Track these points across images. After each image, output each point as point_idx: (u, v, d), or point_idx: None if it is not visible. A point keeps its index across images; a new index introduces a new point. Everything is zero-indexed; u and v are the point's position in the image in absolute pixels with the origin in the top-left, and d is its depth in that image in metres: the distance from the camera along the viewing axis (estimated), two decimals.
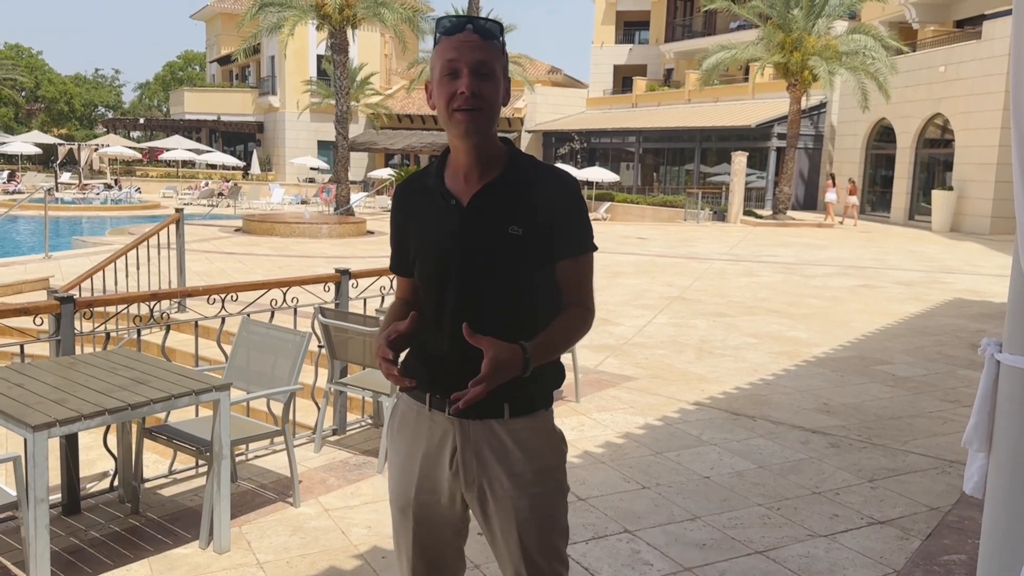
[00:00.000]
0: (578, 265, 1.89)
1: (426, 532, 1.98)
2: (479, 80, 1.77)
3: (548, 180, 1.87)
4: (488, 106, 1.79)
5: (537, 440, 1.92)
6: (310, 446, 4.74)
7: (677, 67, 40.29)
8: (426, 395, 1.93)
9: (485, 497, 1.91)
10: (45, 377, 3.32)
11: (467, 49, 1.77)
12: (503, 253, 1.83)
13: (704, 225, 24.27)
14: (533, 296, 1.87)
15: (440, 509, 1.96)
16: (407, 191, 2.00)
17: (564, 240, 1.86)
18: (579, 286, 1.91)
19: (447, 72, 1.78)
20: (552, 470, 1.94)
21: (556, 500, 1.96)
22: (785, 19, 24.02)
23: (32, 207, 22.27)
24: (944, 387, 6.35)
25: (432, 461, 1.94)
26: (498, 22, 1.84)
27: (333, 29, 23.94)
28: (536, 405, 1.93)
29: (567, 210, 1.86)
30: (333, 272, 5.17)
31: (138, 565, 3.31)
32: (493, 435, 1.89)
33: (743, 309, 9.83)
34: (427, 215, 1.91)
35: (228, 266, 12.90)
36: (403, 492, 1.98)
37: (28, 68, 60.74)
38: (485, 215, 1.84)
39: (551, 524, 1.95)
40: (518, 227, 1.82)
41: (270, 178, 40.11)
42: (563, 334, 1.88)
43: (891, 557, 3.48)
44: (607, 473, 4.36)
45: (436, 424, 1.93)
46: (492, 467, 1.89)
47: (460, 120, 1.78)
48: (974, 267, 14.98)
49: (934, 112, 24.58)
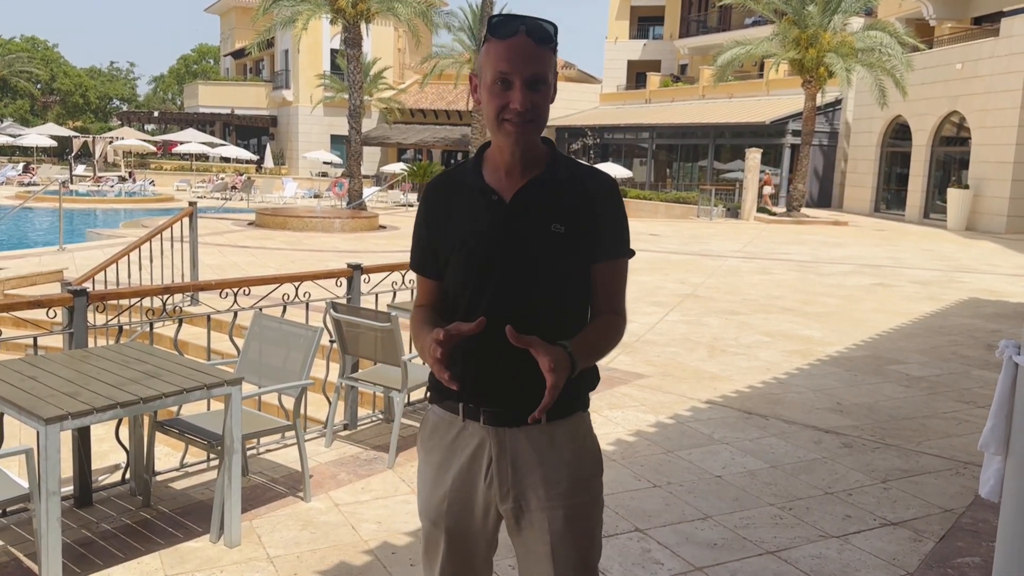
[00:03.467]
0: (615, 268, 1.86)
1: (458, 545, 1.93)
2: (532, 92, 1.73)
3: (591, 180, 1.85)
4: (540, 116, 1.77)
5: (574, 445, 1.87)
6: (321, 441, 4.75)
7: (691, 63, 40.15)
8: (459, 405, 1.87)
9: (520, 508, 1.86)
10: (58, 370, 3.34)
11: (520, 61, 1.72)
12: (545, 251, 1.79)
13: (717, 222, 24.16)
14: (569, 298, 1.84)
15: (473, 522, 1.91)
16: (440, 188, 1.93)
17: (604, 242, 1.83)
18: (614, 291, 1.87)
19: (499, 81, 1.73)
20: (588, 479, 1.89)
21: (592, 513, 1.90)
22: (800, 15, 23.86)
23: (47, 199, 22.41)
24: (959, 388, 6.30)
25: (466, 474, 1.88)
26: (552, 23, 1.75)
27: (347, 23, 23.96)
28: (574, 407, 1.88)
29: (609, 211, 1.84)
30: (345, 267, 5.17)
31: (149, 558, 3.32)
32: (531, 440, 1.84)
33: (756, 307, 9.78)
34: (464, 212, 1.85)
35: (241, 260, 12.94)
36: (435, 505, 1.92)
37: (44, 61, 61.07)
38: (529, 211, 1.80)
39: (587, 539, 1.89)
40: (560, 225, 1.79)
41: (283, 172, 40.20)
42: (603, 338, 1.83)
43: (904, 559, 3.46)
44: (618, 471, 4.34)
45: (471, 435, 1.87)
46: (528, 476, 1.84)
47: (510, 131, 1.76)
48: (990, 266, 14.85)
49: (950, 110, 24.38)
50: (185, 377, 3.33)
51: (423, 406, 5.33)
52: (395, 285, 5.57)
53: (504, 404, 1.82)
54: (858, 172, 29.08)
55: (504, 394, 1.81)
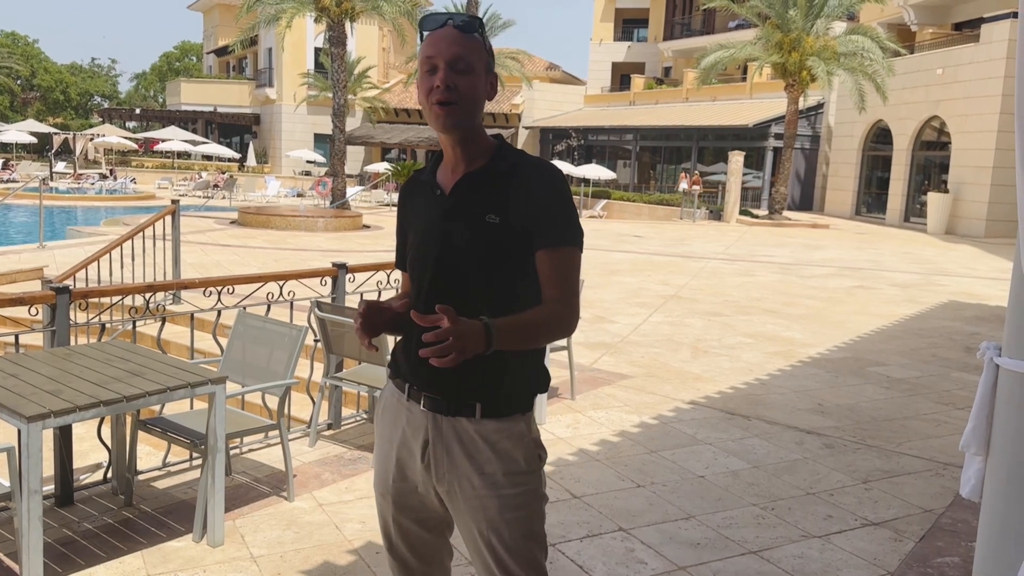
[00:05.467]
0: (556, 257, 1.83)
1: (404, 517, 2.01)
2: (456, 74, 1.80)
3: (530, 171, 1.86)
4: (465, 100, 1.81)
5: (509, 444, 1.88)
6: (305, 440, 4.73)
7: (675, 65, 40.32)
8: (405, 385, 1.94)
9: (455, 493, 1.89)
10: (40, 368, 3.31)
11: (444, 44, 1.80)
12: (479, 241, 1.83)
13: (700, 224, 24.28)
14: (511, 289, 1.85)
15: (417, 497, 1.97)
16: (408, 187, 2.06)
17: (542, 230, 1.83)
18: (558, 281, 1.83)
19: (427, 68, 1.82)
20: (525, 475, 1.89)
21: (530, 504, 1.91)
22: (784, 19, 24.04)
23: (27, 196, 22.17)
24: (938, 389, 6.37)
25: (407, 451, 1.95)
26: (477, 17, 1.87)
27: (331, 22, 23.88)
28: (510, 408, 1.89)
29: (547, 200, 1.84)
30: (330, 266, 5.16)
31: (131, 557, 3.29)
32: (464, 433, 1.87)
33: (738, 308, 9.84)
34: (419, 207, 1.97)
35: (224, 258, 12.87)
36: (382, 478, 2.01)
37: (24, 56, 60.50)
38: (464, 203, 1.86)
39: (524, 529, 1.89)
40: (495, 215, 1.83)
41: (266, 170, 39.99)
42: (535, 323, 1.79)
43: (885, 559, 3.49)
44: (602, 471, 4.35)
45: (413, 416, 1.93)
46: (462, 465, 1.87)
47: (438, 114, 1.81)
48: (969, 270, 15.01)
49: (931, 114, 24.62)
50: (169, 376, 3.31)
51: None
52: (380, 284, 5.56)
53: (441, 392, 1.87)
54: (839, 175, 29.30)
55: (441, 382, 1.85)
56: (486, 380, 1.83)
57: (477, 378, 1.82)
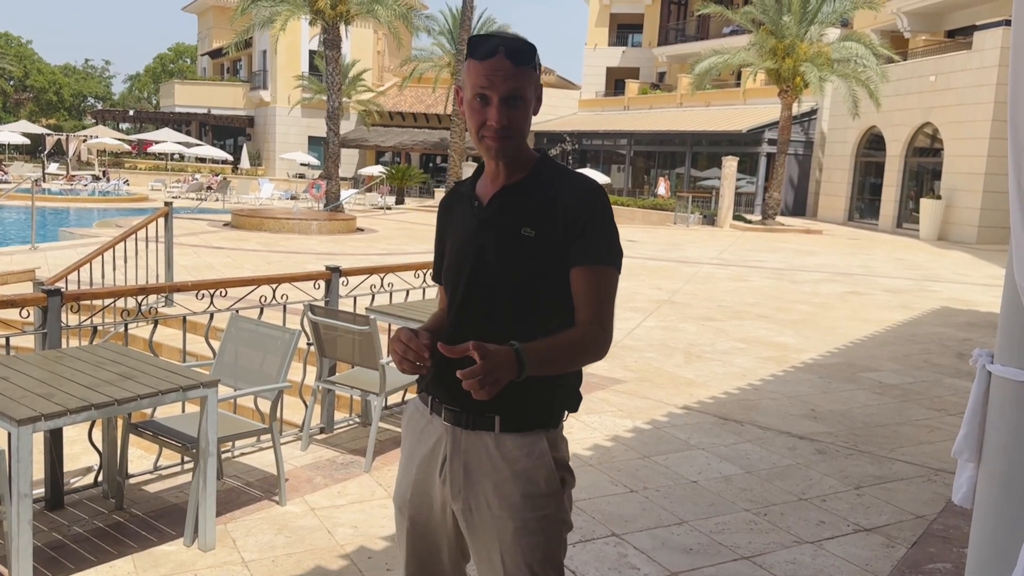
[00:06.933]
0: (592, 276, 1.78)
1: (419, 535, 1.96)
2: (509, 110, 1.76)
3: (570, 184, 1.84)
4: (517, 133, 1.80)
5: (529, 463, 1.80)
6: (297, 444, 4.72)
7: (670, 71, 40.40)
8: (428, 398, 1.91)
9: (470, 511, 1.83)
10: (30, 370, 3.29)
11: (499, 79, 1.74)
12: (513, 254, 1.80)
13: (694, 229, 24.31)
14: (543, 305, 1.80)
15: (433, 515, 1.92)
16: (448, 199, 2.03)
17: (580, 246, 1.78)
18: (593, 301, 1.79)
19: (478, 97, 1.77)
20: (545, 498, 1.81)
21: (548, 530, 1.82)
22: (778, 25, 24.11)
23: (19, 197, 22.10)
24: (931, 395, 6.38)
25: (426, 466, 1.91)
26: (531, 44, 1.77)
27: (326, 24, 23.87)
28: (532, 423, 1.82)
29: (586, 216, 1.79)
30: (323, 269, 5.15)
31: (122, 562, 3.28)
32: (483, 448, 1.82)
33: (732, 314, 9.85)
34: (456, 219, 1.95)
35: (216, 261, 12.83)
36: (401, 492, 1.98)
37: (17, 57, 60.27)
38: (500, 215, 1.84)
39: (539, 556, 1.81)
40: (531, 229, 1.80)
41: (260, 173, 39.91)
42: (568, 346, 1.75)
43: (877, 564, 3.49)
44: (595, 476, 4.35)
45: (435, 429, 1.90)
46: (479, 483, 1.82)
47: (490, 146, 1.80)
48: (961, 276, 15.07)
49: (924, 121, 24.72)
50: (160, 379, 3.30)
51: (400, 410, 5.32)
52: (373, 288, 5.56)
53: (462, 405, 1.82)
54: (832, 181, 29.39)
55: (461, 394, 1.77)
56: (506, 392, 1.71)
57: (500, 393, 1.69)
